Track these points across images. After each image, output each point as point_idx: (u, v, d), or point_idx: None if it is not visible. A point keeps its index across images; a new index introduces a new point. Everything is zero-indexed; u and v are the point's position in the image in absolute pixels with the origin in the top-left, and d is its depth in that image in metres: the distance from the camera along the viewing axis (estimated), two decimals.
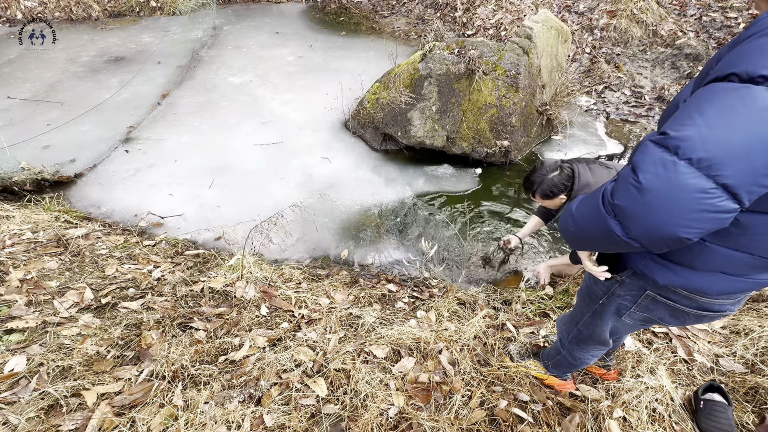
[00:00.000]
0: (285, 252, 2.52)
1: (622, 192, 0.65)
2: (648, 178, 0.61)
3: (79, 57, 4.86)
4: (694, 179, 0.58)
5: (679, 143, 0.59)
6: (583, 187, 1.63)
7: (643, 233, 0.65)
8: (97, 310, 1.74)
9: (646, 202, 0.62)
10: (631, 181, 0.64)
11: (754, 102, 0.55)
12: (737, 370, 1.61)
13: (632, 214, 0.64)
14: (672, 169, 0.59)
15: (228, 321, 1.72)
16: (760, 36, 0.56)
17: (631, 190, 0.63)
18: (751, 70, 0.55)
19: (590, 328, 1.13)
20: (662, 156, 0.60)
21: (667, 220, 0.61)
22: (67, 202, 2.88)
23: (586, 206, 0.76)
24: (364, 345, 1.63)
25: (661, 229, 0.62)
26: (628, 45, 4.48)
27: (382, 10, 6.11)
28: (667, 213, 0.61)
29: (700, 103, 0.59)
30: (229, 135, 3.52)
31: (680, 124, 0.60)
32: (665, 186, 0.60)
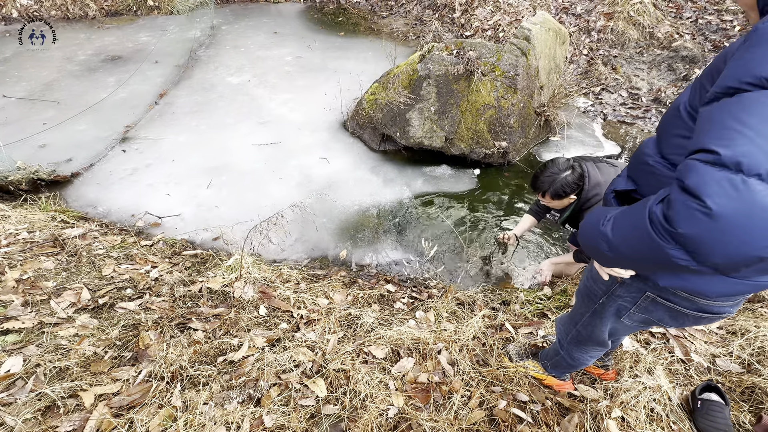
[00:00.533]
0: (283, 252, 2.51)
1: (687, 219, 0.59)
2: (720, 202, 0.55)
3: (75, 56, 4.83)
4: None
5: (739, 159, 0.54)
6: (594, 186, 1.61)
7: (724, 260, 0.59)
8: (94, 311, 1.73)
9: (721, 227, 0.56)
10: (695, 206, 0.57)
11: None
12: (734, 370, 1.62)
13: (707, 242, 0.58)
14: (743, 188, 0.54)
15: (226, 321, 1.71)
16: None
17: (700, 217, 0.57)
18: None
19: (589, 329, 1.14)
20: (727, 176, 0.55)
21: (749, 243, 0.56)
22: (64, 201, 2.86)
23: (628, 231, 0.71)
24: (363, 345, 1.63)
25: (745, 253, 0.57)
26: (625, 47, 4.51)
27: (381, 10, 6.11)
28: (748, 236, 0.56)
29: (738, 115, 0.56)
30: (227, 135, 3.51)
31: (726, 139, 0.56)
32: (741, 208, 0.54)
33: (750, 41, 0.59)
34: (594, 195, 1.63)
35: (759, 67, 0.55)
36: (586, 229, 0.84)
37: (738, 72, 0.58)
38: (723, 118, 0.58)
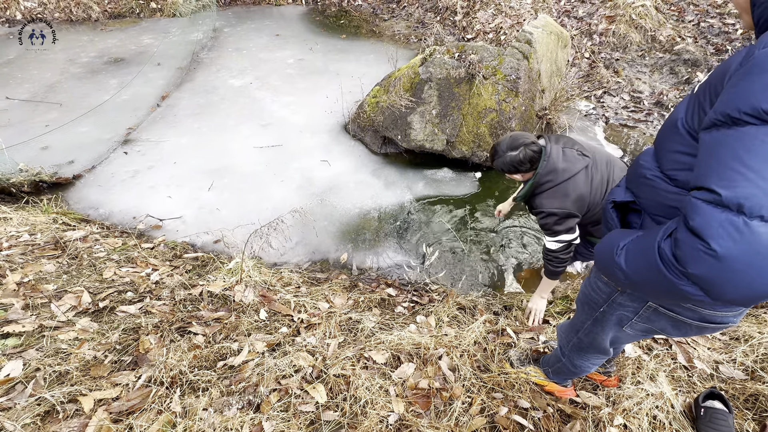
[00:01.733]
0: (284, 255, 2.51)
1: (695, 261, 0.60)
2: (724, 245, 0.57)
3: (78, 58, 4.85)
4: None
5: (741, 201, 0.56)
6: (549, 173, 1.50)
7: (736, 297, 0.60)
8: (94, 314, 1.72)
9: (729, 268, 0.57)
10: (702, 249, 0.59)
11: None
12: (737, 377, 1.61)
13: (718, 282, 0.60)
14: (746, 231, 0.55)
15: (227, 325, 1.71)
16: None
17: (707, 259, 0.59)
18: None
19: (591, 336, 1.13)
20: (729, 218, 0.56)
21: (758, 281, 0.57)
22: (65, 203, 2.86)
23: (641, 264, 0.72)
24: (363, 350, 1.62)
25: (756, 290, 0.58)
26: (626, 50, 4.50)
27: (383, 13, 6.13)
28: (757, 274, 0.57)
29: (740, 154, 0.56)
30: (229, 137, 3.51)
31: (728, 180, 0.57)
32: (746, 249, 0.56)
33: (746, 67, 0.59)
34: (546, 181, 1.51)
35: (755, 99, 0.56)
36: (601, 256, 0.84)
37: (736, 101, 0.58)
38: (725, 156, 0.58)
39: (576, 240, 1.60)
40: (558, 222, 1.53)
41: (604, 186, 1.57)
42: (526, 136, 1.53)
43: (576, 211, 1.53)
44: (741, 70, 0.60)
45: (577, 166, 1.51)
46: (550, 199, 1.52)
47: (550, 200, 1.52)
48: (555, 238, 1.58)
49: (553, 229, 1.55)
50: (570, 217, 1.53)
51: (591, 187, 1.53)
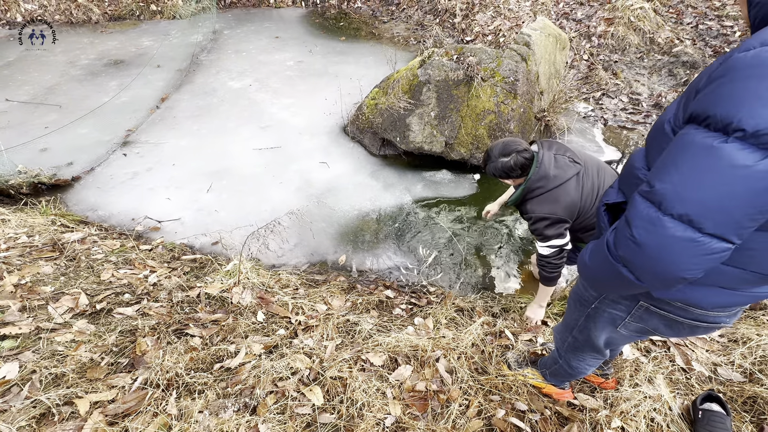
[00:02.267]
0: (282, 257, 2.51)
1: (623, 246, 0.71)
2: (641, 234, 0.67)
3: (78, 60, 4.86)
4: (681, 232, 0.63)
5: (661, 199, 0.65)
6: (540, 179, 1.51)
7: (652, 280, 0.70)
8: (91, 316, 1.72)
9: (645, 254, 0.67)
10: (627, 235, 0.70)
11: (720, 161, 0.58)
12: (735, 380, 1.60)
13: (637, 265, 0.70)
14: (659, 224, 0.64)
15: (224, 327, 1.71)
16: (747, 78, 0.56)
17: (630, 244, 0.69)
18: (726, 118, 0.57)
19: (585, 333, 1.13)
20: (648, 212, 0.66)
21: (670, 268, 0.66)
22: (64, 205, 2.86)
23: (598, 257, 0.81)
24: (361, 352, 1.62)
25: (668, 275, 0.68)
26: (625, 52, 4.51)
27: (382, 15, 6.14)
28: (668, 262, 0.66)
29: (676, 157, 0.64)
30: (228, 139, 3.51)
31: (662, 176, 0.65)
32: (657, 240, 0.65)
33: (720, 70, 0.61)
34: (538, 187, 1.53)
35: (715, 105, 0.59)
36: (579, 260, 0.92)
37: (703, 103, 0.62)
38: (669, 156, 0.66)
39: (567, 245, 1.61)
40: (548, 227, 1.55)
41: (595, 193, 1.58)
42: (518, 142, 1.54)
43: (566, 217, 1.55)
44: (716, 72, 0.62)
45: (568, 173, 1.52)
46: (541, 205, 1.54)
47: (541, 206, 1.54)
48: (546, 243, 1.60)
49: (543, 234, 1.57)
50: (560, 222, 1.55)
51: (582, 194, 1.55)
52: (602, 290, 0.99)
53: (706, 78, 0.64)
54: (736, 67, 0.58)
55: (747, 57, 0.57)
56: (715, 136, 0.59)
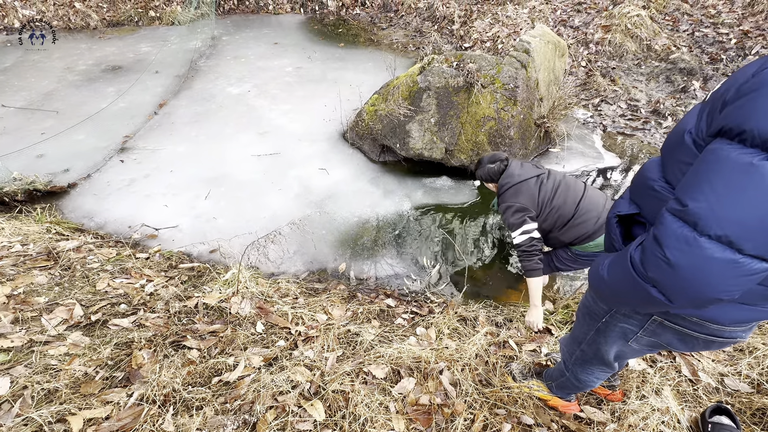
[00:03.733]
0: (282, 265, 2.47)
1: (654, 266, 0.68)
2: (675, 255, 0.64)
3: (76, 66, 4.84)
4: (720, 253, 0.60)
5: (696, 219, 0.62)
6: (507, 176, 1.89)
7: (685, 301, 0.67)
8: (86, 328, 1.68)
9: (680, 276, 0.64)
10: (659, 255, 0.66)
11: (762, 180, 0.56)
12: (743, 390, 1.58)
13: (669, 287, 0.67)
14: (695, 245, 0.61)
15: (222, 339, 1.67)
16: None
17: (662, 265, 0.66)
18: (764, 133, 0.55)
19: (594, 347, 1.10)
20: (683, 232, 0.63)
21: (706, 289, 0.64)
22: (60, 213, 2.82)
23: (619, 273, 0.77)
24: (362, 364, 1.58)
25: (704, 297, 0.65)
26: (623, 59, 4.54)
27: (380, 22, 6.17)
28: (704, 284, 0.63)
29: (710, 174, 0.61)
30: (227, 145, 3.49)
31: (695, 195, 0.62)
32: (694, 261, 0.62)
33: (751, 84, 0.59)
34: (504, 183, 1.89)
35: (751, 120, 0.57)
36: (592, 274, 0.89)
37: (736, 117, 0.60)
38: (704, 171, 0.63)
39: (535, 234, 1.81)
40: (513, 214, 1.82)
41: (559, 194, 1.85)
42: (503, 155, 1.99)
43: (528, 206, 1.82)
44: (747, 85, 0.60)
45: (530, 173, 1.88)
46: (506, 196, 1.88)
47: (506, 197, 1.87)
48: (516, 232, 1.82)
49: (510, 222, 1.84)
50: (523, 210, 1.82)
51: (540, 191, 1.85)
52: (621, 306, 0.95)
53: (734, 90, 0.62)
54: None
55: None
56: (753, 153, 0.57)
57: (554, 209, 1.83)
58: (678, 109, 3.84)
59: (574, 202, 1.81)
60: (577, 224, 1.80)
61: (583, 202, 1.81)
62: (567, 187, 1.85)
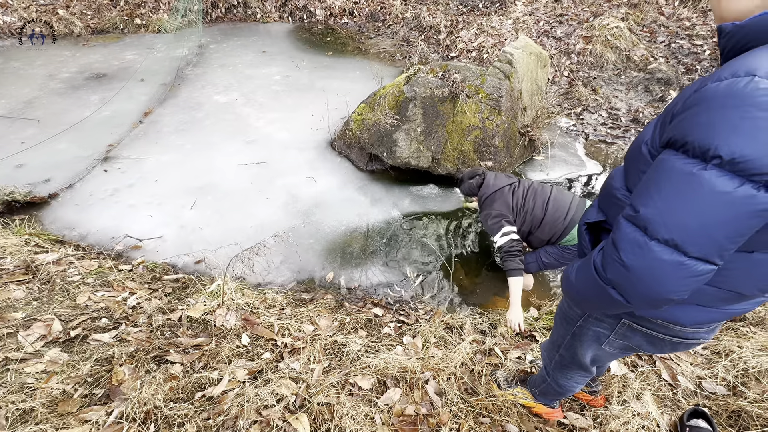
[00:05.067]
0: (269, 275, 2.45)
1: (611, 269, 0.72)
2: (629, 258, 0.68)
3: (59, 73, 4.76)
4: (668, 255, 0.65)
5: (646, 224, 0.66)
6: (485, 189, 2.14)
7: (641, 301, 0.72)
8: (65, 344, 1.64)
9: (634, 277, 0.69)
10: (615, 259, 0.71)
11: (701, 188, 0.60)
12: (719, 393, 1.63)
13: (626, 287, 0.71)
14: (646, 248, 0.66)
15: (206, 353, 1.65)
16: (721, 108, 0.58)
17: (618, 267, 0.70)
18: (703, 145, 0.59)
19: (571, 351, 1.13)
20: (636, 236, 0.67)
21: (657, 290, 0.68)
22: (40, 224, 2.76)
23: (584, 277, 0.81)
24: (348, 376, 1.58)
25: (655, 297, 0.69)
26: (603, 69, 4.68)
27: (368, 31, 6.24)
28: (655, 284, 0.68)
29: (659, 183, 0.66)
30: (213, 154, 3.47)
31: (645, 201, 0.67)
32: (645, 263, 0.67)
33: (694, 98, 0.63)
34: (482, 194, 2.15)
35: (693, 132, 0.61)
36: (564, 279, 0.91)
37: (680, 128, 0.64)
38: (651, 181, 0.67)
39: (515, 236, 2.00)
40: (491, 219, 2.04)
41: (526, 195, 2.09)
42: (480, 169, 2.25)
43: (505, 212, 2.04)
44: (690, 99, 0.64)
45: (503, 182, 2.14)
46: (484, 205, 2.13)
47: (486, 206, 2.11)
48: (496, 235, 2.02)
49: (489, 226, 2.05)
50: (500, 215, 2.03)
51: (513, 196, 2.09)
52: (588, 309, 1.00)
53: (681, 104, 0.66)
54: (710, 97, 0.60)
55: (720, 87, 0.59)
56: (695, 163, 0.61)
57: (527, 211, 2.06)
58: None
59: (543, 203, 2.04)
60: (549, 222, 2.02)
61: (551, 202, 2.02)
62: (535, 192, 2.09)
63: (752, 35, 0.63)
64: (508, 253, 1.96)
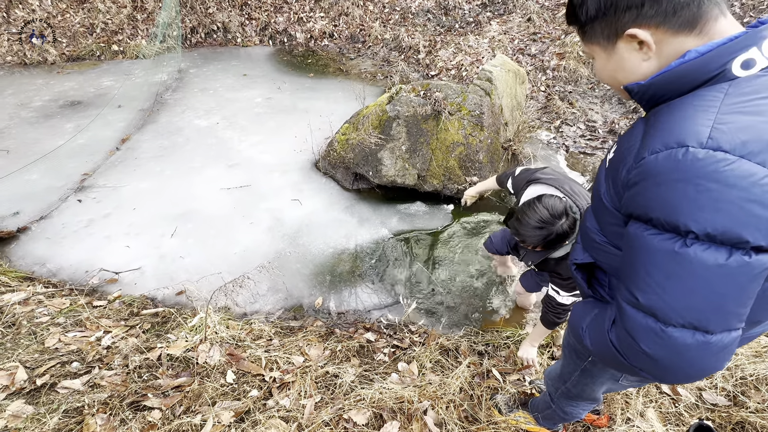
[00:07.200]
0: (254, 304, 2.35)
1: (635, 358, 0.67)
2: (651, 347, 0.64)
3: (31, 102, 4.62)
4: (690, 338, 0.61)
5: (654, 312, 0.62)
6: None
7: (680, 381, 0.69)
8: (30, 394, 1.50)
9: (664, 366, 0.65)
10: (636, 349, 0.66)
11: (692, 266, 0.57)
12: (720, 403, 1.60)
13: (657, 373, 0.67)
14: (665, 336, 0.62)
15: (188, 395, 1.53)
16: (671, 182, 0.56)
17: (643, 357, 0.66)
18: (669, 222, 0.57)
19: (579, 387, 1.08)
20: (648, 324, 0.63)
21: (693, 372, 0.64)
22: (7, 260, 2.59)
23: (603, 349, 0.75)
24: (342, 410, 1.49)
25: (693, 376, 0.66)
26: (578, 83, 4.84)
27: (349, 52, 6.33)
28: (689, 367, 0.64)
29: (646, 265, 0.62)
30: (194, 180, 3.38)
31: (642, 287, 0.63)
32: (671, 351, 0.62)
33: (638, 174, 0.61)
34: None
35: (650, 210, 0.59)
36: (574, 331, 0.86)
37: (635, 206, 0.62)
38: (639, 262, 0.63)
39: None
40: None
41: None
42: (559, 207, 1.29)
43: None
44: (634, 174, 0.62)
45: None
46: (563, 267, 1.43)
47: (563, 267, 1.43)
48: (573, 293, 1.50)
49: (568, 284, 1.48)
50: None
51: None
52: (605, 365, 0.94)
53: (625, 171, 0.64)
54: (654, 173, 0.58)
55: (659, 161, 0.57)
56: (671, 238, 0.58)
57: None
58: None
59: None
60: None
61: None
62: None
63: (662, 91, 0.63)
64: (565, 312, 1.53)
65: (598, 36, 0.67)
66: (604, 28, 0.66)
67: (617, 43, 0.66)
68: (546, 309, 1.58)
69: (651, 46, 0.62)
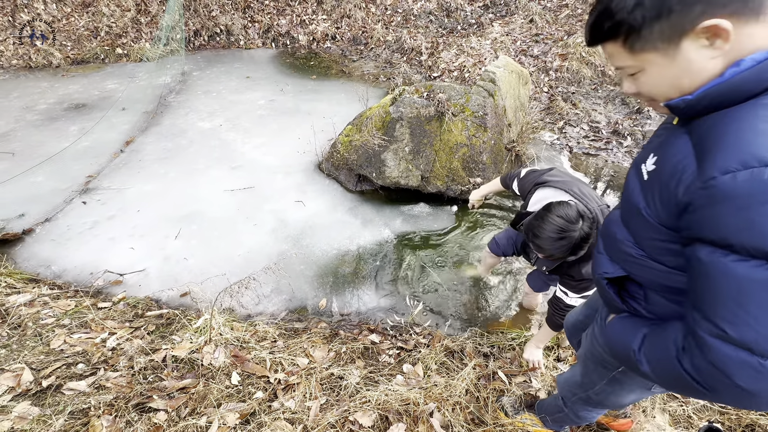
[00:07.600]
0: (259, 305, 2.35)
1: (727, 393, 0.63)
2: (749, 383, 0.59)
3: (36, 105, 4.65)
4: None
5: (749, 346, 0.58)
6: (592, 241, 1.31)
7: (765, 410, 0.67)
8: (36, 396, 1.50)
9: (760, 401, 0.61)
10: (729, 384, 0.61)
11: None
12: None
13: (750, 406, 0.64)
14: (763, 370, 0.58)
15: (193, 396, 1.53)
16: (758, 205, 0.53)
17: (737, 391, 0.61)
18: (758, 246, 0.54)
19: (603, 395, 1.05)
20: (743, 357, 0.58)
21: None
22: (12, 262, 2.60)
23: (672, 378, 0.70)
24: (348, 412, 1.48)
25: None
26: (581, 84, 4.83)
27: (351, 54, 6.35)
28: None
29: (737, 297, 0.57)
30: (198, 181, 3.39)
31: (731, 319, 0.58)
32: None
33: (709, 196, 0.57)
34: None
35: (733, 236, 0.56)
36: (618, 353, 0.81)
37: (710, 231, 0.58)
38: (723, 290, 0.59)
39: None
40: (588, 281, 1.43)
41: None
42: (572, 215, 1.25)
43: None
44: (701, 195, 0.58)
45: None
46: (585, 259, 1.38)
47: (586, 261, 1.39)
48: (580, 295, 1.47)
49: (581, 285, 1.44)
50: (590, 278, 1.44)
51: None
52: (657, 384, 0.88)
53: (681, 189, 0.61)
54: (734, 195, 0.54)
55: (738, 183, 0.54)
56: (760, 265, 0.55)
57: None
58: (636, 129, 4.08)
59: None
60: None
61: None
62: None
63: (714, 104, 0.59)
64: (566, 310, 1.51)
65: (656, 40, 0.59)
66: (665, 29, 0.58)
67: (681, 44, 0.59)
68: (553, 311, 1.56)
69: (730, 37, 0.55)
